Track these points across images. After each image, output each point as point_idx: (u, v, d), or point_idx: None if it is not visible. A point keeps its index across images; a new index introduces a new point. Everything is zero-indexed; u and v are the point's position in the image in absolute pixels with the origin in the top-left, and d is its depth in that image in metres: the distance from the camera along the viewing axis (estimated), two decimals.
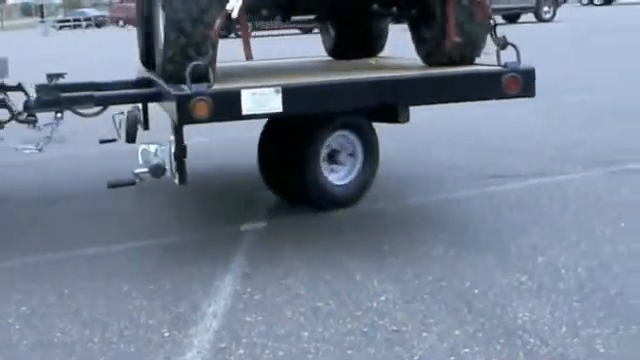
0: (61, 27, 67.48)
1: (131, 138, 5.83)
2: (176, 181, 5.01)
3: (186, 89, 4.49)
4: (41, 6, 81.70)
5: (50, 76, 5.57)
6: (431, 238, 5.27)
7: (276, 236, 5.49)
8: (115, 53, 21.50)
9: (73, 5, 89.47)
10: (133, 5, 7.83)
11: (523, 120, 9.11)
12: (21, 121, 5.64)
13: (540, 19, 32.92)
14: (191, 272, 4.84)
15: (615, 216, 5.57)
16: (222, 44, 4.94)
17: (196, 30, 4.80)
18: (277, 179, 6.14)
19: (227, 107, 4.56)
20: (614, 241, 5.06)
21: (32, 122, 5.65)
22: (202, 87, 4.48)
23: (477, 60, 5.57)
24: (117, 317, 4.22)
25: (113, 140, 6.20)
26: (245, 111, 4.57)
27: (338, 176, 6.02)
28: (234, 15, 4.58)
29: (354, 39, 7.12)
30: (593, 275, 4.51)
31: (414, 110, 5.61)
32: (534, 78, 5.06)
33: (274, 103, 4.61)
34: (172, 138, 4.95)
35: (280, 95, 4.62)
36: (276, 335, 3.94)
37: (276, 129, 5.98)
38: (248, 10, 4.78)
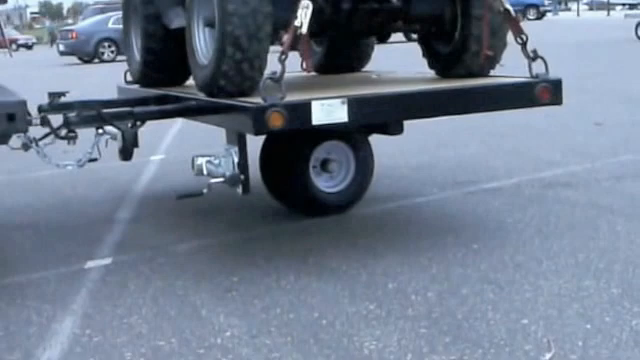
0: None
1: (128, 156, 5.77)
2: (239, 191, 5.14)
3: (260, 101, 4.67)
4: None
5: (52, 94, 5.68)
6: (283, 267, 5.14)
7: (121, 272, 5.25)
8: None
9: None
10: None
11: (382, 141, 9.09)
12: (61, 137, 5.53)
13: (409, 39, 33.36)
14: (28, 316, 4.56)
15: (468, 238, 5.57)
16: None
17: (252, 45, 4.98)
18: (276, 187, 6.36)
19: (299, 117, 4.74)
20: (465, 264, 5.04)
21: (72, 138, 5.54)
22: (276, 99, 4.64)
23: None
24: None
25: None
26: (315, 121, 4.76)
27: (330, 184, 6.32)
28: (304, 30, 4.72)
29: (342, 55, 7.19)
30: (442, 299, 4.46)
31: None
32: (561, 88, 5.39)
33: (340, 113, 4.81)
34: (235, 149, 5.14)
35: (346, 106, 4.81)
36: None
37: (273, 138, 6.06)
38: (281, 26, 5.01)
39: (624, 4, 62.81)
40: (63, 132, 5.50)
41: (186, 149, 8.67)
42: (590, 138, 9.34)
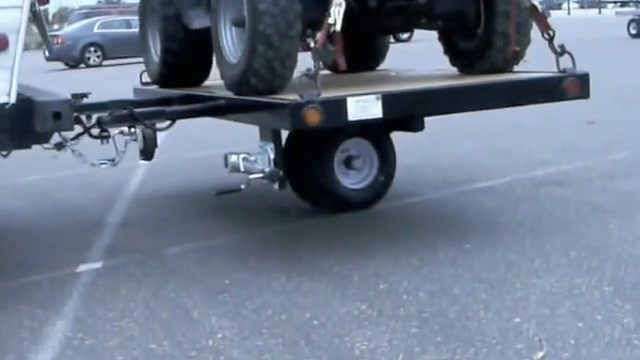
0: None
1: (150, 156, 5.84)
2: (275, 187, 5.26)
3: (296, 98, 4.76)
4: None
5: (75, 95, 5.74)
6: (274, 268, 5.14)
7: (112, 276, 5.24)
8: None
9: None
10: None
11: None
12: (94, 136, 5.60)
13: (398, 39, 33.08)
14: (20, 320, 4.55)
15: (459, 237, 5.56)
16: None
17: (283, 44, 5.05)
18: (300, 184, 6.34)
19: (335, 114, 4.85)
20: (456, 263, 5.03)
21: (105, 137, 5.61)
22: (313, 95, 4.73)
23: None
24: None
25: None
26: (350, 117, 4.87)
27: (353, 181, 6.41)
28: (337, 28, 4.82)
29: (359, 53, 7.18)
30: (433, 299, 4.45)
31: None
32: (589, 81, 5.50)
33: (374, 109, 4.91)
34: (271, 146, 5.25)
35: (380, 102, 4.91)
36: None
37: (296, 135, 6.10)
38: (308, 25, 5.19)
39: (615, 1, 62.82)
40: (95, 131, 5.58)
41: (175, 153, 8.70)
42: (582, 136, 9.34)
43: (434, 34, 6.41)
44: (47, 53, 32.81)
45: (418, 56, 15.21)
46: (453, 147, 9.06)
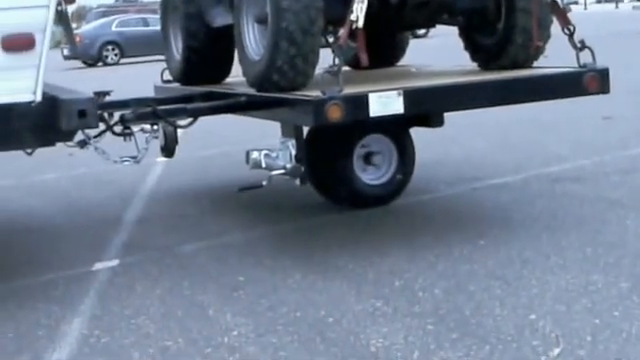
0: None
1: (171, 153, 5.92)
2: (297, 182, 5.37)
3: (318, 94, 4.77)
4: None
5: (97, 93, 5.76)
6: (289, 265, 5.15)
7: (128, 274, 5.26)
8: None
9: None
10: None
11: None
12: (117, 134, 5.67)
13: (415, 35, 33.05)
14: (37, 317, 4.58)
15: (475, 234, 5.55)
16: None
17: (306, 40, 5.06)
18: (320, 180, 6.36)
19: (357, 110, 4.86)
20: (472, 260, 5.02)
21: (128, 135, 5.67)
22: (335, 92, 4.75)
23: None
24: None
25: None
26: (372, 113, 4.87)
27: (373, 176, 6.43)
28: (360, 24, 4.84)
29: (379, 50, 7.13)
30: (449, 296, 4.45)
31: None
32: (609, 76, 5.45)
33: (396, 105, 4.91)
34: (292, 142, 5.34)
35: (402, 98, 4.91)
36: None
37: (316, 131, 6.10)
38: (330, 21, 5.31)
39: None
40: (118, 129, 5.63)
41: (190, 151, 8.72)
42: (598, 132, 9.30)
43: (450, 30, 6.40)
44: (66, 52, 33.17)
45: (435, 52, 15.21)
46: (467, 143, 9.03)
